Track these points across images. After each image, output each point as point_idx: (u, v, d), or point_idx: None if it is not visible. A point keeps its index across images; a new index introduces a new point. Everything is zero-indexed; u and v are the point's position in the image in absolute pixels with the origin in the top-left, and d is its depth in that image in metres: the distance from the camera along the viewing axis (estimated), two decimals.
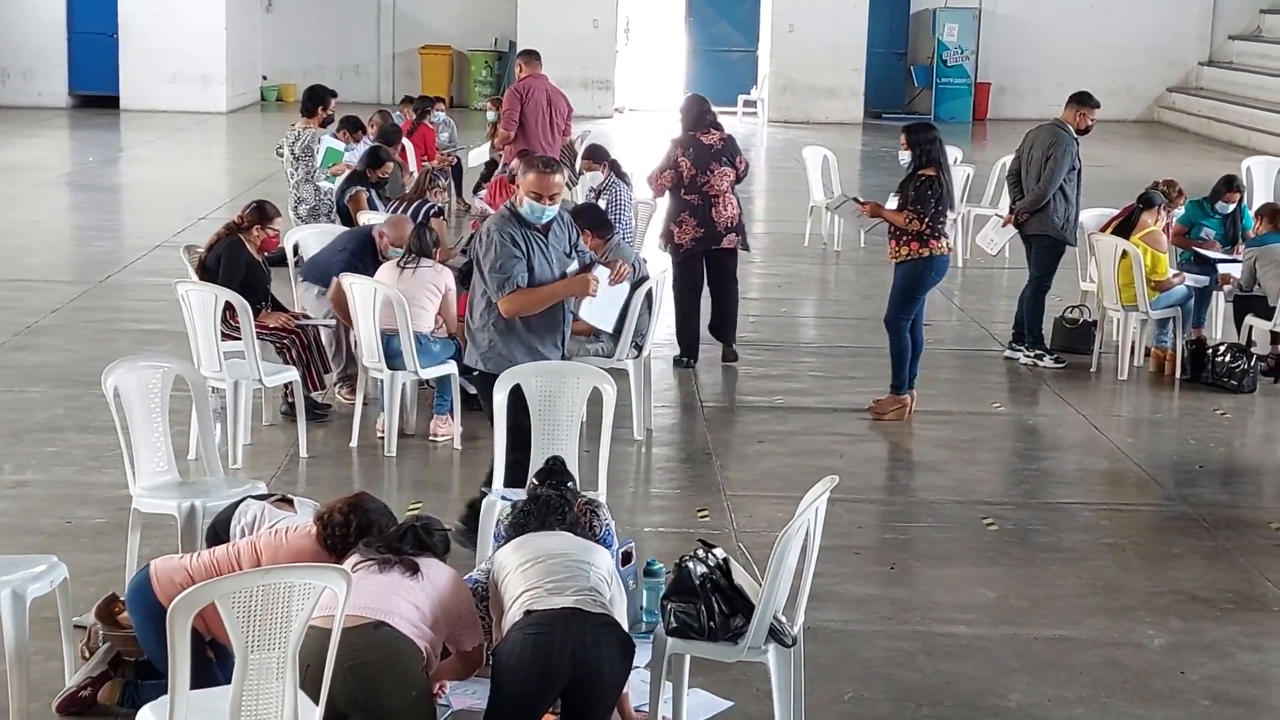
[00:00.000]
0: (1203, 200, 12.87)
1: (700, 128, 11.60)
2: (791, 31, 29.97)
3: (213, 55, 28.61)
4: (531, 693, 5.24)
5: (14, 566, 6.10)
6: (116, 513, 7.42)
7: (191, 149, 24.52)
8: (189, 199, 18.71)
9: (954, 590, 7.79)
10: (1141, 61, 31.25)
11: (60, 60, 28.52)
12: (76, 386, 9.39)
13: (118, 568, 6.88)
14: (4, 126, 25.47)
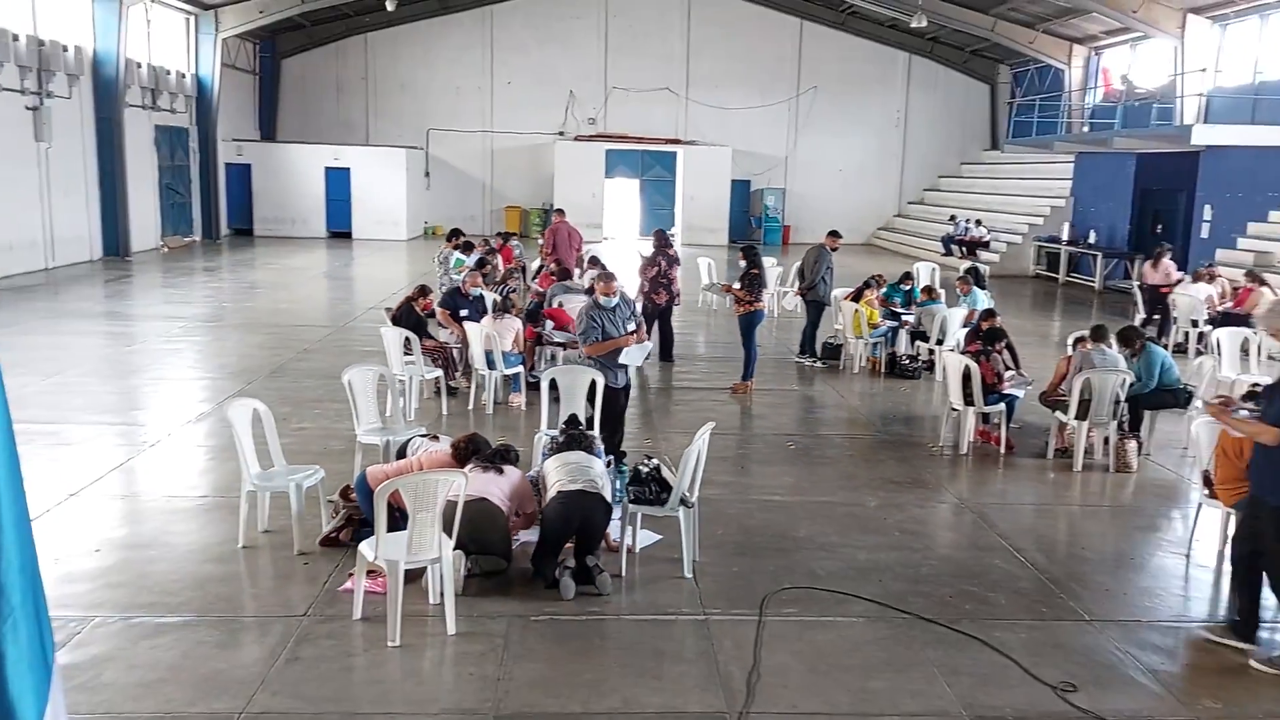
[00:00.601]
0: (895, 283, 13.21)
1: (666, 245, 11.83)
2: (693, 199, 29.94)
3: (398, 209, 29.66)
4: (560, 531, 5.73)
5: (297, 471, 6.55)
6: (349, 443, 7.73)
7: (388, 259, 24.50)
8: (386, 283, 18.84)
9: (772, 479, 8.11)
10: (865, 213, 32.63)
11: (320, 211, 28.35)
12: (330, 379, 9.48)
13: (349, 471, 7.13)
14: (291, 248, 25.45)
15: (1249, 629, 5.30)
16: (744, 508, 7.11)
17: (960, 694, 4.69)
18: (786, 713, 4.50)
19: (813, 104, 32.47)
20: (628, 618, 5.41)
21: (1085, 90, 26.83)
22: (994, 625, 5.41)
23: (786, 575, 5.99)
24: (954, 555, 6.51)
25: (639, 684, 4.71)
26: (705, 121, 32.08)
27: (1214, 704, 4.68)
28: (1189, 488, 7.95)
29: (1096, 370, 8.32)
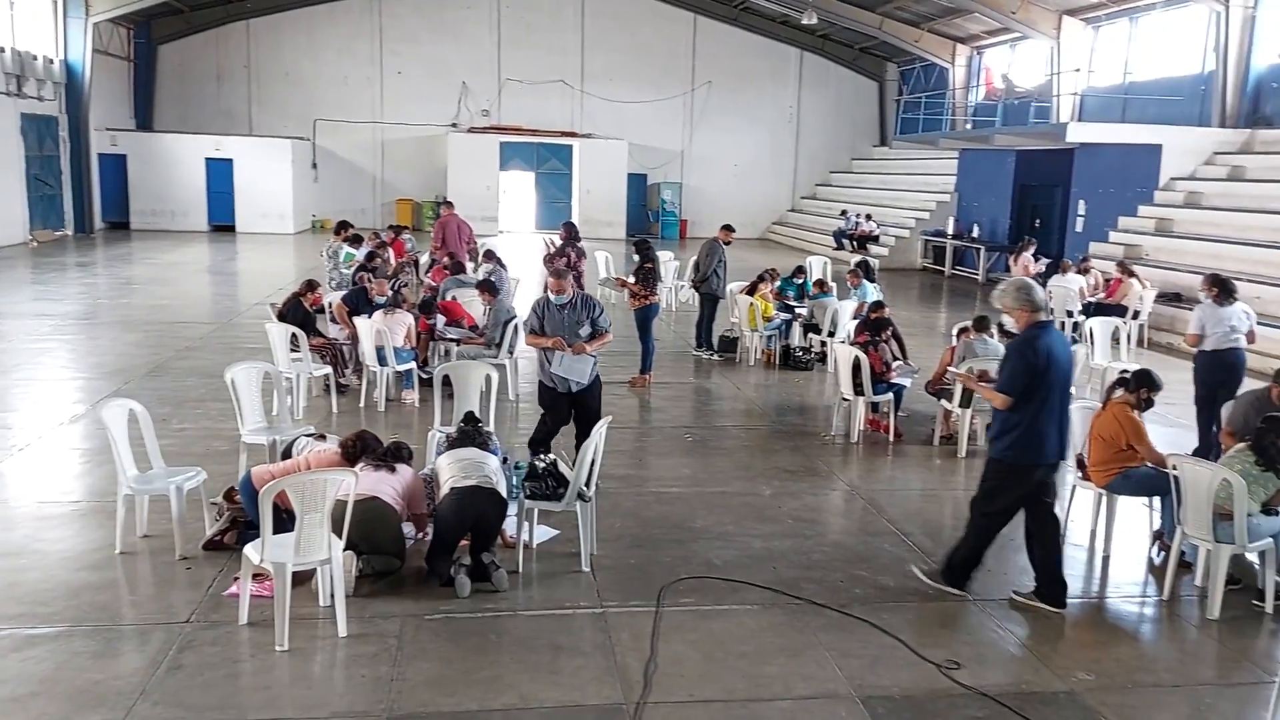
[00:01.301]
0: (789, 277, 13.47)
1: (575, 238, 11.78)
2: (589, 193, 29.89)
3: (284, 202, 29.03)
4: (454, 528, 5.72)
5: (177, 473, 6.34)
6: (233, 444, 7.51)
7: (274, 253, 23.80)
8: (272, 278, 18.29)
9: (670, 470, 8.20)
10: (760, 207, 33.40)
11: (202, 204, 27.79)
12: (212, 377, 9.18)
13: (234, 473, 6.91)
14: (170, 241, 24.54)
15: (959, 574, 5.80)
16: (641, 500, 7.16)
17: (850, 675, 4.82)
18: (683, 701, 4.56)
19: (707, 99, 32.83)
20: (524, 613, 5.40)
21: (968, 89, 27.83)
22: (883, 608, 5.58)
23: (683, 566, 6.06)
24: (845, 541, 6.69)
25: (536, 679, 4.71)
26: (601, 115, 32.10)
27: (1086, 676, 4.93)
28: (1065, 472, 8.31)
29: (979, 359, 8.65)
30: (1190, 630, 5.58)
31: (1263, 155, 17.70)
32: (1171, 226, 17.63)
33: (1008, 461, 5.62)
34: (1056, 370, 5.45)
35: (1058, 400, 5.50)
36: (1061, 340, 5.64)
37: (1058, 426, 5.55)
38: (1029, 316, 5.55)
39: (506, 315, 10.21)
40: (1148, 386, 6.45)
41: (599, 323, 7.18)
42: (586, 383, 7.15)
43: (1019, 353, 5.53)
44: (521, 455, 7.11)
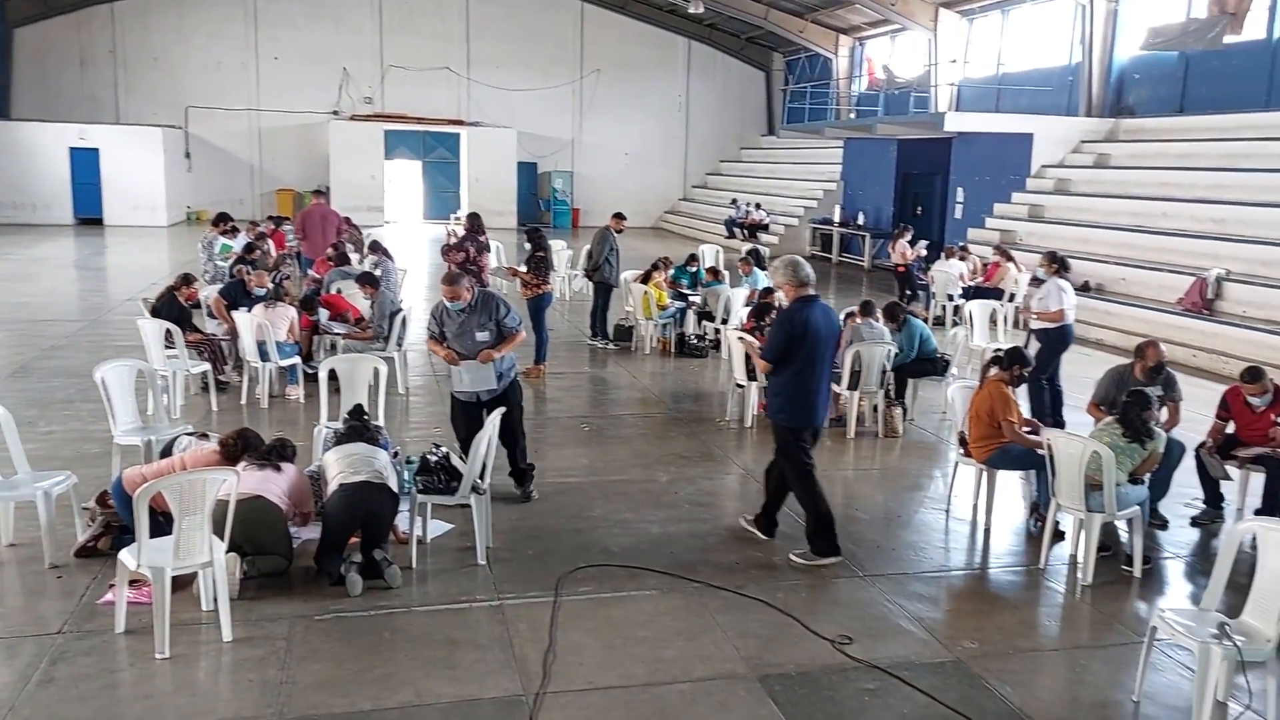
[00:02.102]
0: (682, 265, 13.55)
1: (478, 230, 11.60)
2: (478, 181, 29.50)
3: (156, 193, 27.71)
4: (344, 525, 5.57)
5: (45, 477, 6.01)
6: (106, 446, 7.15)
7: (146, 247, 22.78)
8: (145, 273, 17.48)
9: (567, 461, 8.19)
10: (652, 196, 33.39)
11: (66, 195, 26.30)
12: (81, 377, 8.75)
13: (107, 476, 6.57)
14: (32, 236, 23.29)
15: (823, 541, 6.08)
16: (539, 491, 7.11)
17: (748, 655, 4.91)
18: (583, 689, 4.57)
19: (597, 87, 32.80)
20: (419, 609, 5.32)
21: (851, 79, 28.51)
22: (778, 587, 5.70)
23: (581, 554, 6.06)
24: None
25: (432, 675, 4.64)
26: (488, 103, 31.73)
27: (972, 645, 5.13)
28: (947, 449, 8.65)
29: (865, 343, 8.90)
30: (1066, 596, 5.85)
31: (1126, 143, 18.65)
32: (1043, 212, 18.43)
33: (783, 424, 6.10)
34: (814, 340, 5.89)
35: (817, 369, 5.97)
36: (825, 314, 6.02)
37: (821, 393, 6.05)
38: (795, 291, 5.99)
39: (392, 307, 10.01)
40: (1019, 363, 6.74)
41: (505, 323, 6.64)
42: (499, 390, 6.65)
43: (779, 324, 6.06)
44: (414, 449, 6.99)
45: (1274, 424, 6.61)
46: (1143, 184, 17.01)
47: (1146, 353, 6.99)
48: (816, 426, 6.14)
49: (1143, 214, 16.23)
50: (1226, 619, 4.42)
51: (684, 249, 18.17)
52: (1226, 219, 14.76)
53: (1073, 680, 4.89)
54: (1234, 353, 12.02)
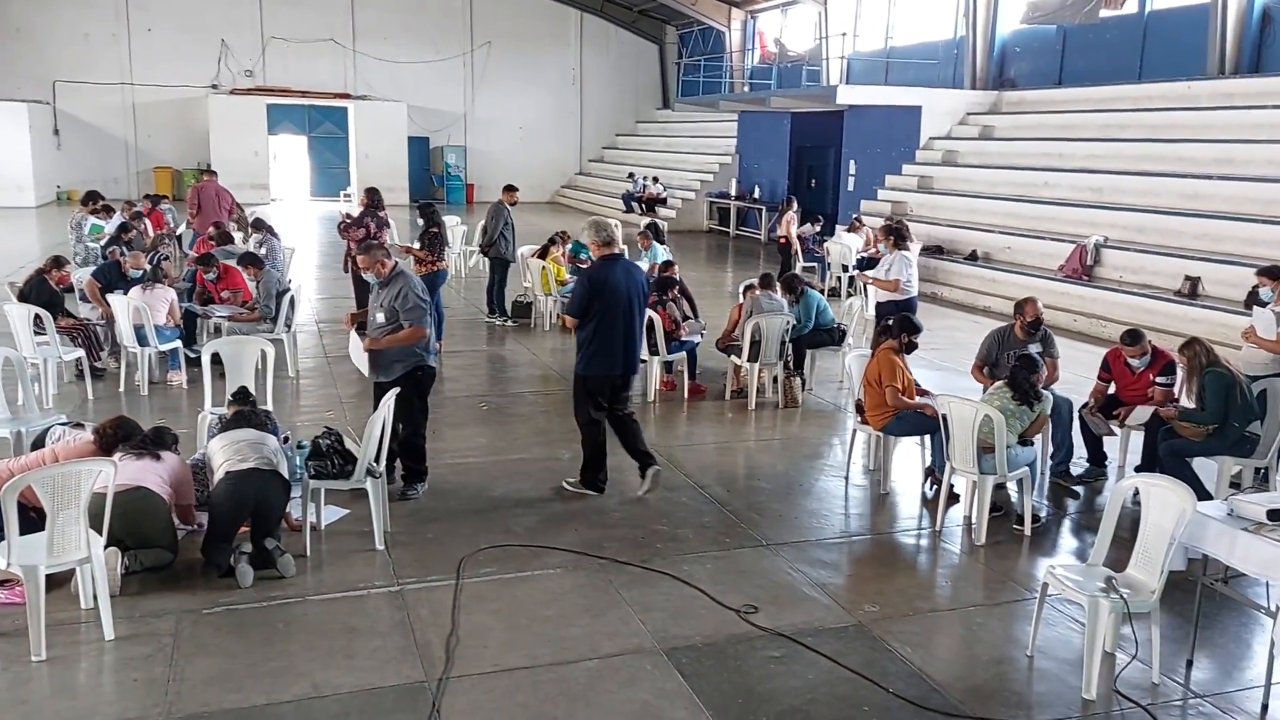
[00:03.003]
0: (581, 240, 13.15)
1: (377, 206, 11.24)
2: (368, 157, 28.59)
3: (22, 172, 26.36)
4: (232, 514, 5.37)
5: None
6: None
7: (11, 228, 21.49)
8: (11, 256, 16.43)
9: (466, 441, 8.07)
10: (547, 170, 32.92)
11: None
12: None
13: None
14: None
15: (596, 479, 6.70)
16: (438, 473, 6.94)
17: (654, 629, 4.90)
18: (487, 672, 4.49)
19: (488, 60, 32.23)
20: (315, 598, 5.15)
21: (744, 52, 28.68)
22: (683, 560, 5.71)
23: (483, 535, 5.96)
24: (644, 497, 6.77)
25: (330, 665, 4.50)
26: (376, 76, 30.88)
27: (872, 608, 5.23)
28: (845, 416, 8.80)
29: (764, 315, 8.97)
30: (961, 557, 6.02)
31: (1009, 115, 19.23)
32: (932, 183, 18.88)
33: (581, 374, 6.58)
34: (614, 297, 6.31)
35: (618, 323, 6.37)
36: (627, 271, 6.46)
37: (623, 346, 6.45)
38: (600, 249, 6.44)
39: (279, 287, 9.66)
40: (907, 331, 6.90)
41: (400, 315, 6.18)
42: (384, 379, 6.28)
43: (581, 281, 6.59)
44: (305, 433, 6.76)
45: (1153, 384, 6.90)
46: (1025, 155, 17.57)
47: (1025, 309, 7.21)
48: (620, 376, 6.57)
49: (1025, 184, 16.77)
50: (1113, 573, 4.60)
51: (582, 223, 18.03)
52: (1104, 188, 15.36)
53: (969, 638, 5.03)
54: (1112, 316, 12.54)
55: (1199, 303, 12.16)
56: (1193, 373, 6.35)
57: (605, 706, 4.25)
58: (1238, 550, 4.38)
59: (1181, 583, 4.80)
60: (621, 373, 6.57)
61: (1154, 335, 7.26)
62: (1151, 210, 14.11)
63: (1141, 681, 4.51)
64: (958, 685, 4.49)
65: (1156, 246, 13.54)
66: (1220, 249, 12.71)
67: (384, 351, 6.27)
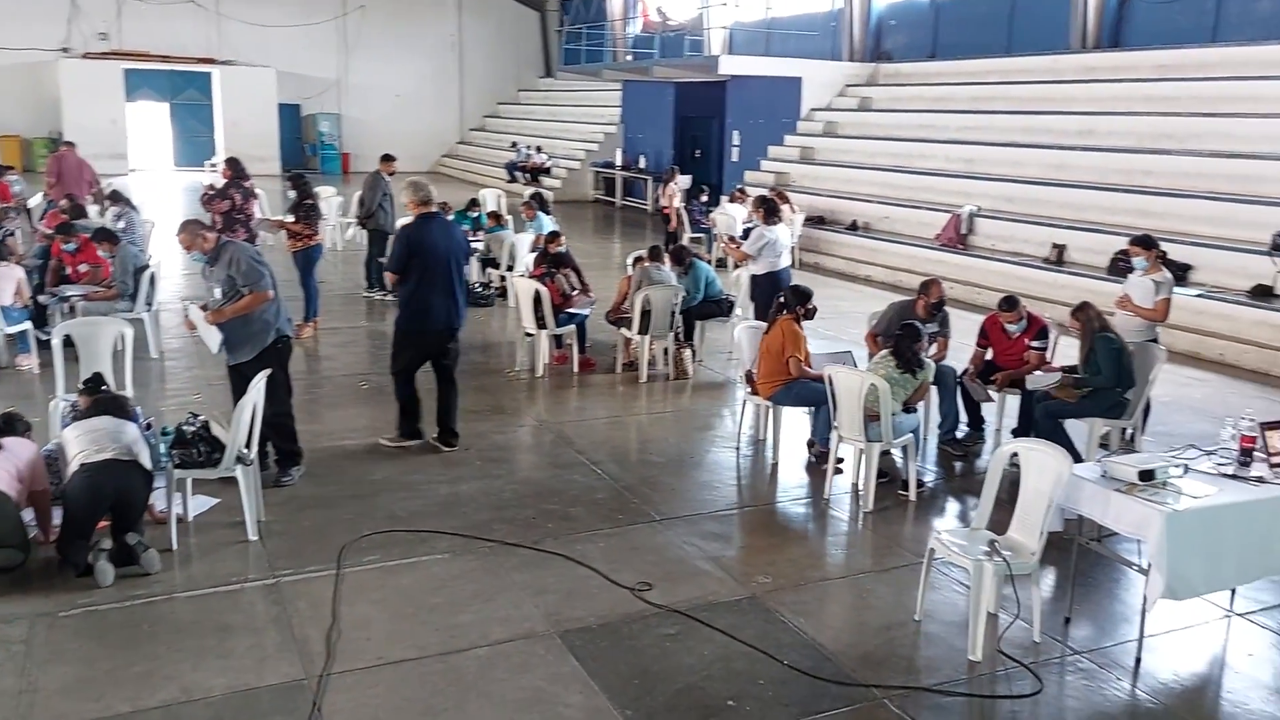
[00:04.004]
0: (462, 210, 13.16)
1: (241, 176, 10.58)
2: (235, 125, 27.34)
3: None
4: (89, 508, 5.04)
5: None
6: None
7: None
8: None
9: (345, 422, 7.77)
10: (427, 139, 32.02)
11: None
12: None
13: None
14: None
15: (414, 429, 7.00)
16: (315, 456, 6.66)
17: (547, 611, 4.78)
18: (372, 666, 4.29)
19: (362, 24, 31.13)
20: (183, 595, 4.85)
21: (626, 20, 28.44)
22: (575, 539, 5.59)
23: (365, 521, 5.73)
24: (535, 476, 6.66)
25: (201, 666, 4.23)
26: (243, 40, 29.46)
27: (765, 579, 5.23)
28: (735, 388, 8.82)
29: (654, 286, 8.89)
30: (849, 524, 6.09)
31: (886, 87, 19.59)
32: (814, 154, 19.12)
33: (402, 328, 6.78)
34: (432, 254, 6.55)
35: (438, 278, 6.58)
36: (444, 229, 6.77)
37: (444, 301, 6.65)
38: (418, 208, 6.62)
39: (137, 263, 9.09)
40: (803, 301, 6.91)
41: (239, 284, 5.86)
42: (238, 360, 6.01)
43: (399, 238, 6.77)
44: (169, 420, 6.36)
45: (1028, 348, 7.11)
46: (901, 126, 17.94)
47: (930, 290, 7.32)
48: (444, 331, 6.77)
49: (902, 155, 17.12)
50: (995, 536, 4.70)
51: (464, 194, 17.63)
52: (975, 159, 15.79)
53: (860, 605, 5.08)
54: (986, 284, 12.92)
55: (1065, 269, 12.65)
56: (1086, 337, 6.55)
57: (497, 695, 4.12)
58: (1111, 510, 4.52)
59: (1059, 543, 4.93)
60: (443, 327, 6.76)
61: (1025, 302, 7.46)
62: (1020, 180, 14.58)
63: (1023, 641, 4.62)
64: (850, 653, 4.52)
65: (1025, 215, 14.02)
66: (1084, 218, 13.23)
67: (235, 330, 5.95)
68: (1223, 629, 4.88)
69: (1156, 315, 7.22)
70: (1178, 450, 4.93)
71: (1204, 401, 8.70)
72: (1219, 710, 4.27)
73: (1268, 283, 10.49)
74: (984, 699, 4.25)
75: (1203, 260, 11.25)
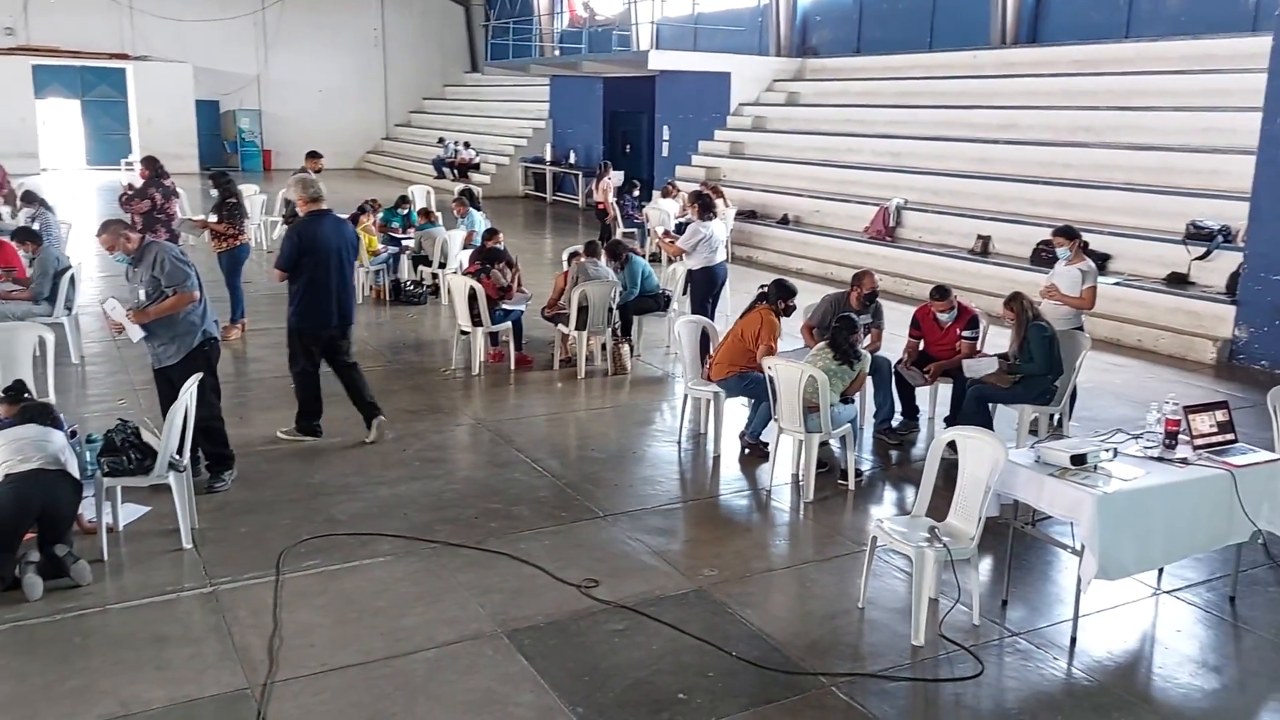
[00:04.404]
0: (391, 208, 12.94)
1: (161, 175, 10.28)
2: (151, 123, 26.49)
3: None
4: (15, 520, 4.84)
5: None
6: None
7: None
8: None
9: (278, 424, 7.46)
10: (352, 136, 31.48)
11: None
12: None
13: None
14: None
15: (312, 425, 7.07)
16: (248, 461, 6.53)
17: (493, 611, 4.74)
18: (317, 673, 4.21)
19: (281, 19, 30.46)
20: (116, 607, 4.70)
21: (553, 15, 28.30)
22: (519, 538, 5.56)
23: (304, 526, 5.63)
24: (475, 476, 6.60)
25: (139, 679, 4.11)
26: (158, 35, 28.61)
27: (711, 572, 5.26)
28: (674, 382, 8.85)
29: (591, 282, 8.88)
30: (791, 515, 6.17)
31: (813, 82, 19.81)
32: (744, 149, 19.26)
33: (295, 326, 6.80)
34: (324, 251, 6.59)
35: (329, 276, 6.64)
36: (335, 225, 6.80)
37: (336, 297, 6.70)
38: (307, 205, 6.70)
39: (57, 265, 8.78)
40: (784, 296, 7.06)
41: (163, 284, 5.74)
42: (164, 363, 5.89)
43: (289, 236, 6.77)
44: (96, 426, 6.15)
45: (959, 337, 7.27)
46: (829, 121, 18.15)
47: (863, 281, 7.45)
48: (336, 328, 6.78)
49: (831, 149, 17.34)
50: (935, 523, 4.80)
51: (392, 191, 17.39)
52: (902, 152, 16.07)
53: (804, 595, 5.15)
54: (914, 275, 13.18)
55: (990, 260, 12.95)
56: (1020, 326, 6.72)
57: (446, 698, 4.08)
58: (1046, 495, 4.66)
59: (995, 528, 5.05)
60: (336, 324, 6.80)
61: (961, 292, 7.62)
62: (945, 174, 14.88)
63: (964, 624, 4.73)
64: (796, 643, 4.57)
65: (951, 208, 14.32)
66: (1007, 209, 13.55)
67: (160, 333, 5.83)
68: (1151, 607, 5.06)
69: (1084, 303, 7.46)
70: (1107, 434, 5.10)
71: (1124, 386, 8.99)
72: (1151, 685, 4.43)
73: (1182, 270, 10.88)
74: (927, 683, 4.33)
75: (1120, 249, 11.63)
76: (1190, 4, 14.41)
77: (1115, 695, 4.27)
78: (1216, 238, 10.69)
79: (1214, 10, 14.00)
